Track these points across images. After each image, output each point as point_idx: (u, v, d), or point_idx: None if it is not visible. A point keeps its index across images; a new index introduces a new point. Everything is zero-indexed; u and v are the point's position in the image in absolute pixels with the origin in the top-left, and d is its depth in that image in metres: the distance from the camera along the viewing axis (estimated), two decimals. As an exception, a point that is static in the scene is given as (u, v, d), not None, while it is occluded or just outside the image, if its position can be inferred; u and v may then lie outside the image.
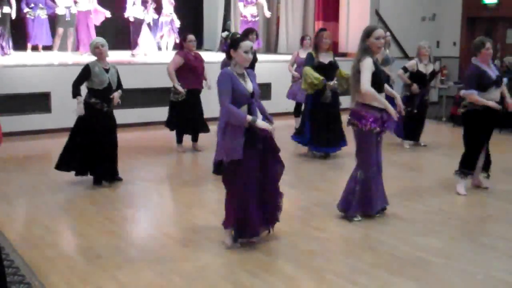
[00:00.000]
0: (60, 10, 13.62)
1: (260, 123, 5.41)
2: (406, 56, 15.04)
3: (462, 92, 7.47)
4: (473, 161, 7.56)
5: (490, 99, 7.27)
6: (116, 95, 7.74)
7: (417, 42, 10.50)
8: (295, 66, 11.08)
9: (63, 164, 7.84)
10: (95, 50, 7.67)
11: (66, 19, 13.66)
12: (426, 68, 10.27)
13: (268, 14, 15.95)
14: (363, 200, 6.44)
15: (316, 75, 9.00)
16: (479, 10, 16.41)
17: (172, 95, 9.63)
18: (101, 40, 7.75)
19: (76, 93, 7.66)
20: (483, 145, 7.54)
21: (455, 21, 16.95)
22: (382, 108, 6.21)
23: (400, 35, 15.85)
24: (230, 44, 5.64)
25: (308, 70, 9.08)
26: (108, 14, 14.31)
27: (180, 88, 9.37)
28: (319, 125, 9.25)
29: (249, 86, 5.52)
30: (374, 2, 15.71)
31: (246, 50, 5.45)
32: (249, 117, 5.37)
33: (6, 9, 12.98)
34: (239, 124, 5.36)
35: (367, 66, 6.10)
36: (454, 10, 16.92)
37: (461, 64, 16.62)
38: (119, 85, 7.90)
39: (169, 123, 9.87)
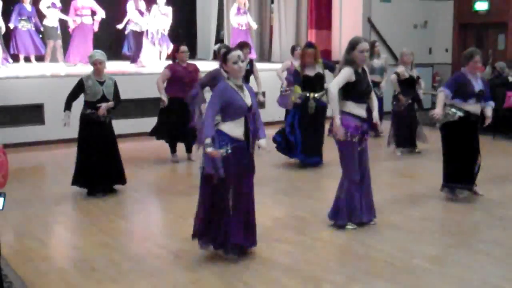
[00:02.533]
0: (50, 22, 13.61)
1: (208, 150, 5.26)
2: (399, 64, 15.08)
3: (439, 89, 7.49)
4: (456, 174, 7.50)
5: (468, 109, 7.29)
6: (103, 106, 7.73)
7: (410, 49, 10.54)
8: (285, 73, 11.08)
9: (77, 180, 7.91)
10: (94, 66, 7.68)
11: (58, 32, 13.66)
12: (412, 72, 10.40)
13: (254, 26, 15.94)
14: (348, 208, 6.44)
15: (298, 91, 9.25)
16: (470, 16, 16.48)
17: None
18: (100, 55, 7.74)
19: (67, 107, 7.79)
20: (464, 156, 7.45)
21: (446, 28, 17.01)
22: (363, 117, 6.28)
23: (392, 42, 15.89)
24: (222, 58, 5.65)
25: (296, 88, 9.33)
26: (103, 14, 14.32)
27: (163, 98, 9.47)
28: (307, 135, 9.31)
29: (248, 99, 5.50)
30: (367, 10, 15.77)
31: (234, 61, 5.44)
32: (208, 140, 5.26)
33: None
34: (199, 139, 5.36)
35: (344, 73, 6.20)
36: (445, 17, 16.98)
37: (454, 70, 16.65)
38: (116, 97, 7.93)
39: (154, 131, 9.93)
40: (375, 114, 6.50)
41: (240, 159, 5.47)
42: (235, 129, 5.45)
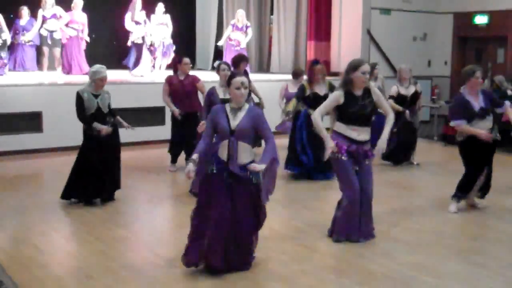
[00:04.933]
0: (42, 32, 13.63)
1: (187, 168, 5.46)
2: (397, 76, 15.09)
3: (452, 124, 7.43)
4: (470, 186, 7.56)
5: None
6: (104, 131, 7.71)
7: (409, 61, 10.53)
8: (284, 100, 10.96)
9: (66, 193, 7.89)
10: (98, 82, 7.65)
11: (48, 41, 13.65)
12: (407, 90, 10.35)
13: (243, 44, 15.58)
14: (346, 226, 6.40)
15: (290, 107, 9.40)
16: (470, 30, 16.53)
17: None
18: (104, 71, 7.72)
19: (88, 122, 7.68)
20: (482, 170, 7.51)
21: (446, 40, 17.06)
22: (353, 139, 6.22)
23: (391, 54, 15.92)
24: (227, 80, 5.67)
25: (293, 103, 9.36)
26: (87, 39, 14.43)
27: (176, 111, 9.49)
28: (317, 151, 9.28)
29: (235, 122, 5.49)
30: (366, 22, 15.81)
31: (237, 87, 5.48)
32: (193, 157, 5.49)
33: (4, 36, 13.14)
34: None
35: (331, 97, 6.29)
36: (445, 30, 17.03)
37: (452, 83, 16.70)
38: (113, 113, 7.95)
39: (171, 149, 10.06)
40: (381, 138, 6.32)
41: (221, 180, 5.48)
42: (221, 150, 5.53)
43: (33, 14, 14.03)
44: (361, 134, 6.26)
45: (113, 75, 13.13)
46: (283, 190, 8.86)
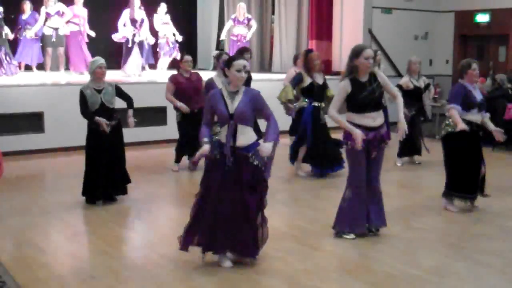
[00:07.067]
0: (46, 31, 13.61)
1: (201, 149, 5.55)
2: (399, 75, 15.08)
3: (448, 106, 7.42)
4: (460, 183, 7.49)
5: (470, 119, 7.27)
6: (130, 120, 8.22)
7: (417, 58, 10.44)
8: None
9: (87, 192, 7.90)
10: (97, 70, 7.65)
11: (52, 40, 13.61)
12: (419, 82, 10.27)
13: (249, 37, 15.76)
14: (349, 217, 6.41)
15: (290, 95, 9.16)
16: (471, 28, 16.53)
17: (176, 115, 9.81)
18: (103, 60, 7.74)
19: (90, 117, 7.68)
20: (467, 166, 7.44)
21: (447, 39, 17.07)
22: (370, 127, 6.22)
23: (393, 53, 15.92)
24: (225, 62, 5.66)
25: (288, 88, 9.20)
26: (92, 34, 14.39)
27: (184, 107, 9.45)
28: (318, 145, 9.25)
29: (233, 106, 5.49)
30: (367, 21, 15.80)
31: (238, 69, 5.46)
32: (205, 140, 5.54)
33: (6, 30, 13.16)
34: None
35: (339, 91, 6.23)
36: (446, 29, 17.04)
37: (454, 82, 16.68)
38: (127, 98, 8.13)
39: (179, 149, 9.96)
40: (400, 120, 6.37)
41: (224, 164, 5.49)
42: (222, 134, 5.56)
43: (35, 10, 14.00)
44: (376, 119, 6.26)
45: (113, 75, 13.15)
46: (287, 190, 8.86)
